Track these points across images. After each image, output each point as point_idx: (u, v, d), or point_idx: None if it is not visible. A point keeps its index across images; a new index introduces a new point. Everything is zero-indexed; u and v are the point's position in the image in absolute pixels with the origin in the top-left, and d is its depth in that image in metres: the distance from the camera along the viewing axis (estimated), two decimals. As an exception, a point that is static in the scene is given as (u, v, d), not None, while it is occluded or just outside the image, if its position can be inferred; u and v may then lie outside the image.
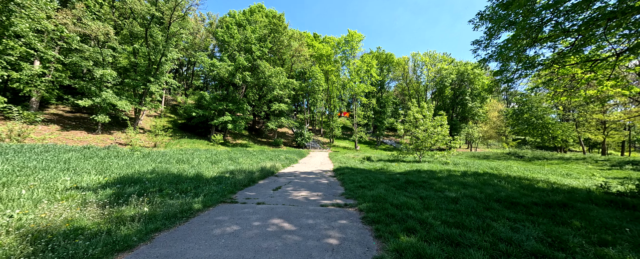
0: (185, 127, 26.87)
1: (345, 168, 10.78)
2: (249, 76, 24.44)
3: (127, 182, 4.77)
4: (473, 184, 6.56)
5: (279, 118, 30.02)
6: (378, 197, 4.35)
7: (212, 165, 9.17)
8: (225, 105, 24.35)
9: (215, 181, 5.74)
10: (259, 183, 6.42)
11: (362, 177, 7.29)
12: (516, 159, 24.55)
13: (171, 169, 6.55)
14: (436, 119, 16.64)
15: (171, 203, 3.73)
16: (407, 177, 7.50)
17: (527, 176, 9.85)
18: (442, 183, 6.70)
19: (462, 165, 13.89)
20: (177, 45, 29.77)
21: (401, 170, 11.01)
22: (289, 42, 27.56)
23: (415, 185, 6.16)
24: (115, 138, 17.60)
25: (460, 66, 41.69)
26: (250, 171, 7.54)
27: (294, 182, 6.79)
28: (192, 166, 8.26)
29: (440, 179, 7.87)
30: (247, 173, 7.21)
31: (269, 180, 7.03)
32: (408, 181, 6.58)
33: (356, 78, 35.47)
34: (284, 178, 7.63)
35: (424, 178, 7.87)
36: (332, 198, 4.80)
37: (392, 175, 8.68)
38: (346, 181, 6.69)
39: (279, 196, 4.94)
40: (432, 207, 3.75)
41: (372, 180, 6.91)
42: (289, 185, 6.35)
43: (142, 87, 19.93)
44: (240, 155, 14.74)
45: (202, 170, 7.25)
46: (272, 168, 9.05)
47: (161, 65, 21.49)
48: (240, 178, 6.24)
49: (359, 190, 5.31)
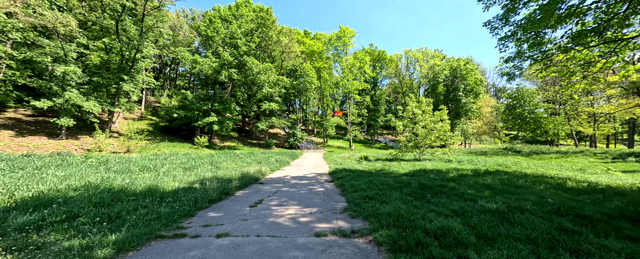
0: (167, 130, 24.86)
1: (343, 170, 9.47)
2: (236, 73, 22.77)
3: (33, 205, 3.26)
4: (499, 187, 5.39)
5: (269, 118, 28.44)
6: (398, 216, 3.05)
7: (185, 172, 7.64)
8: (211, 104, 22.58)
9: (173, 196, 4.28)
10: (235, 196, 4.98)
11: (365, 182, 5.99)
12: (514, 154, 24.07)
13: (115, 182, 5.00)
14: (436, 114, 15.64)
15: (61, 246, 2.27)
16: (418, 180, 6.27)
17: (543, 173, 8.88)
18: (462, 186, 5.49)
19: (467, 163, 12.89)
20: (156, 42, 27.66)
21: (405, 171, 9.82)
22: (278, 38, 26.07)
23: (433, 191, 4.91)
24: (81, 144, 15.59)
25: (453, 62, 41.40)
26: (227, 180, 6.09)
27: (282, 192, 5.41)
28: (157, 175, 6.72)
29: (455, 180, 6.68)
30: (223, 182, 5.76)
31: (250, 190, 5.61)
32: (423, 186, 5.32)
33: (349, 76, 34.35)
34: (270, 186, 6.23)
35: (437, 180, 6.66)
36: (332, 218, 3.44)
37: (398, 177, 7.45)
38: (347, 189, 5.37)
39: (256, 217, 3.55)
40: (486, 234, 2.45)
41: (378, 185, 5.63)
42: (274, 196, 4.96)
43: (115, 86, 17.93)
44: (224, 159, 13.17)
45: (165, 180, 5.74)
46: (257, 174, 7.61)
47: (136, 63, 19.53)
48: (211, 190, 4.80)
49: (366, 202, 4.00)
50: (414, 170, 10.33)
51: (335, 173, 8.82)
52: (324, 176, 8.92)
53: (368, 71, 36.29)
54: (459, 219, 2.94)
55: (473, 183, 6.26)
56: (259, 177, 7.43)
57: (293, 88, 32.73)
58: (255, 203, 4.36)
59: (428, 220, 2.89)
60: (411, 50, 43.59)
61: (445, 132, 15.00)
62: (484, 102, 42.67)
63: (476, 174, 8.53)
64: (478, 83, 39.84)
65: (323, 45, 35.14)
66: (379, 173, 8.77)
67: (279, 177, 8.08)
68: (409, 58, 44.68)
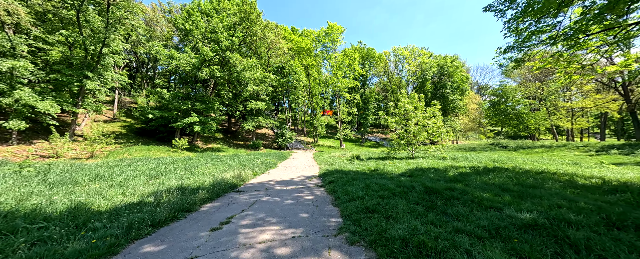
0: (143, 132, 22.84)
1: (334, 172, 8.58)
2: (218, 70, 21.23)
3: None
4: (514, 188, 4.70)
5: (256, 118, 27.05)
6: (419, 245, 2.11)
7: (147, 181, 6.41)
8: (191, 104, 20.90)
9: (109, 218, 3.16)
10: (198, 211, 3.91)
11: (361, 187, 5.11)
12: (501, 149, 24.37)
13: (30, 202, 3.75)
14: (428, 110, 15.16)
15: None
16: (421, 182, 5.49)
17: (542, 168, 8.47)
18: (472, 188, 4.75)
19: (462, 159, 12.44)
20: (129, 37, 25.39)
21: (401, 170, 9.10)
22: (264, 33, 24.75)
23: (443, 197, 4.11)
24: (35, 150, 13.61)
25: (440, 59, 41.88)
26: (193, 190, 4.97)
27: (261, 203, 4.39)
28: (110, 186, 5.47)
29: (459, 181, 5.97)
30: (187, 193, 4.65)
31: (221, 202, 4.54)
32: (429, 190, 4.52)
33: (339, 73, 33.60)
34: (249, 195, 5.19)
35: (440, 181, 5.92)
36: (322, 248, 2.40)
37: (396, 179, 6.66)
38: (340, 196, 4.46)
39: (212, 251, 2.44)
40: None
41: (376, 190, 4.77)
42: (249, 210, 3.94)
43: (77, 84, 15.94)
44: (203, 163, 11.87)
45: (110, 194, 4.54)
46: (235, 180, 6.52)
47: (103, 58, 17.57)
48: (163, 206, 3.70)
49: (367, 218, 3.08)
50: (410, 169, 9.64)
51: (326, 176, 7.91)
52: (314, 179, 7.98)
53: (357, 68, 35.74)
54: (498, 243, 2.12)
55: (480, 183, 5.57)
56: (237, 184, 6.34)
57: (281, 86, 31.47)
58: (220, 223, 3.30)
59: (463, 250, 2.00)
60: (400, 47, 43.64)
61: (439, 128, 14.54)
62: (469, 99, 43.55)
63: (477, 172, 7.94)
64: (464, 80, 40.57)
65: (311, 42, 34.14)
66: (373, 174, 7.96)
67: (261, 183, 7.03)
68: (398, 56, 44.74)
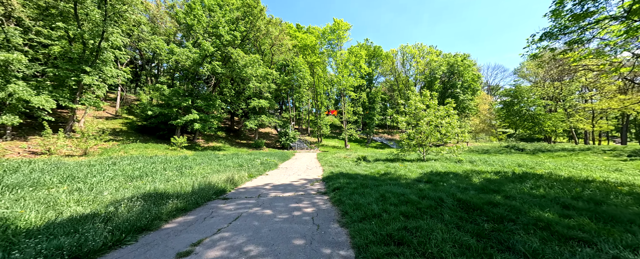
0: (143, 130, 22.36)
1: (340, 176, 7.60)
2: (220, 67, 20.54)
3: None
4: (579, 206, 3.61)
5: (259, 116, 26.28)
6: None
7: (126, 183, 5.58)
8: (191, 101, 20.26)
9: (36, 240, 2.28)
10: (160, 231, 2.91)
11: (374, 197, 4.13)
12: (518, 152, 22.87)
13: None
14: (442, 109, 13.99)
15: None
16: (449, 192, 4.46)
17: (582, 176, 7.27)
18: (521, 202, 3.70)
19: (481, 163, 11.26)
20: (132, 33, 25.02)
21: (415, 174, 8.04)
22: (267, 29, 23.96)
23: (488, 216, 3.08)
24: (28, 146, 13.12)
25: (450, 58, 40.29)
26: (165, 196, 4.08)
27: (246, 219, 3.44)
28: (77, 189, 4.65)
29: (496, 191, 4.90)
30: (153, 202, 3.75)
31: (196, 215, 3.61)
32: (465, 205, 3.49)
33: (344, 71, 32.54)
34: (234, 205, 4.26)
35: (468, 190, 4.88)
36: None
37: (413, 186, 5.63)
38: (349, 211, 3.49)
39: None
40: None
41: (395, 202, 3.77)
42: (227, 231, 2.98)
43: (74, 79, 15.44)
44: (199, 162, 11.08)
45: (61, 201, 3.69)
46: (224, 184, 5.61)
47: (102, 52, 17.06)
48: (122, 220, 2.80)
49: (391, 256, 2.08)
50: (425, 173, 8.57)
51: (331, 180, 6.94)
52: (316, 184, 7.01)
53: (364, 66, 34.60)
54: None
55: (523, 194, 4.49)
56: (226, 189, 5.43)
57: (285, 84, 30.64)
58: (177, 254, 2.32)
59: None
60: (407, 46, 42.24)
61: (453, 128, 13.36)
62: (481, 99, 41.77)
63: (506, 179, 6.82)
64: (476, 79, 38.88)
65: (316, 39, 33.22)
66: (385, 180, 6.93)
67: (256, 187, 6.11)
68: (405, 54, 43.33)
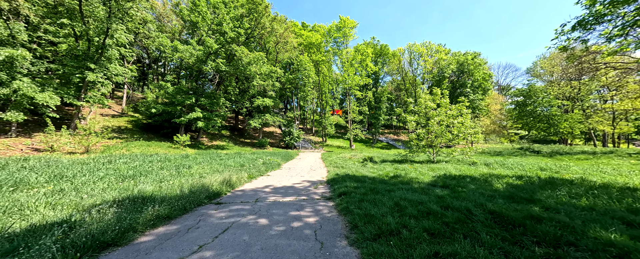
0: (148, 128, 22.34)
1: (346, 178, 7.04)
2: (224, 64, 20.26)
3: None
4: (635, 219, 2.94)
5: (263, 115, 25.94)
6: None
7: (116, 183, 5.19)
8: (195, 99, 20.06)
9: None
10: (131, 245, 2.38)
11: (389, 206, 3.56)
12: (533, 154, 21.73)
13: None
14: (454, 108, 13.22)
15: None
16: (476, 201, 3.85)
17: (626, 183, 6.47)
18: (565, 215, 3.05)
19: (498, 166, 10.47)
20: (137, 34, 25.09)
21: (428, 178, 7.40)
22: (272, 26, 23.57)
23: (533, 233, 2.47)
24: (32, 143, 13.08)
25: (459, 56, 39.03)
26: (155, 199, 3.62)
27: (237, 230, 2.92)
28: (60, 190, 4.26)
29: (529, 200, 4.24)
30: (138, 203, 3.30)
31: (180, 225, 3.12)
32: (500, 219, 2.88)
33: (350, 70, 31.87)
34: (227, 212, 3.77)
35: (495, 199, 4.24)
36: None
37: (429, 191, 5.03)
38: (359, 224, 2.94)
39: None
40: None
41: (414, 214, 3.20)
42: (210, 247, 2.40)
43: (79, 76, 15.39)
44: (199, 161, 10.72)
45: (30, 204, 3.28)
46: (220, 186, 5.14)
47: (106, 50, 16.99)
48: (86, 232, 2.33)
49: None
50: (438, 176, 7.92)
51: (336, 183, 6.39)
52: (320, 187, 6.47)
53: (370, 65, 33.84)
54: None
55: (557, 203, 3.82)
56: (222, 191, 4.95)
57: (289, 83, 30.23)
58: None
59: None
60: (415, 44, 41.16)
61: (466, 129, 12.58)
62: (492, 99, 40.31)
63: (531, 184, 6.11)
64: (487, 78, 37.53)
65: (322, 38, 32.67)
66: (396, 183, 6.33)
67: (254, 190, 5.61)
68: (413, 53, 42.23)
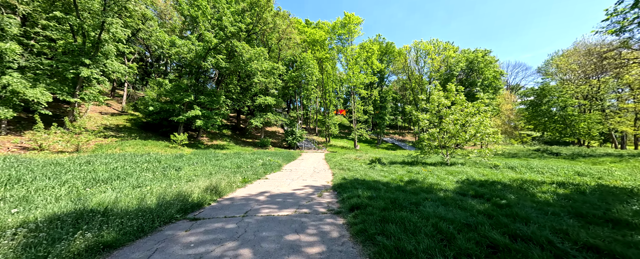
0: (147, 126, 21.70)
1: (356, 183, 6.06)
2: (224, 61, 19.47)
3: None
4: None
5: (265, 114, 25.10)
6: None
7: (82, 189, 4.31)
8: (194, 96, 19.30)
9: None
10: None
11: (428, 235, 2.57)
12: (552, 156, 20.31)
13: None
14: (470, 105, 12.08)
15: None
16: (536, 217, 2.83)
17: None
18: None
19: (526, 169, 9.32)
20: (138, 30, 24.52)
21: (450, 184, 6.36)
22: (274, 21, 22.71)
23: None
24: (21, 141, 12.42)
25: (469, 54, 37.56)
26: (111, 213, 2.71)
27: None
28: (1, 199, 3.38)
29: (620, 223, 3.18)
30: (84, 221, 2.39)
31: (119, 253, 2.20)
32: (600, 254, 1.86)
33: (355, 68, 30.80)
34: (200, 234, 2.82)
35: (561, 217, 3.20)
36: None
37: (461, 203, 4.01)
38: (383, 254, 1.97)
39: None
40: None
41: (475, 253, 2.18)
42: None
43: (73, 72, 14.75)
44: (193, 162, 9.86)
45: None
46: (203, 194, 4.20)
47: (103, 45, 16.34)
48: None
49: None
50: (460, 180, 6.87)
51: (344, 189, 5.40)
52: (326, 194, 5.49)
53: (376, 62, 32.72)
54: None
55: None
56: (204, 201, 4.01)
57: (292, 81, 29.33)
58: None
59: None
60: (422, 42, 39.84)
61: (486, 128, 11.44)
62: (503, 99, 38.69)
63: (584, 193, 5.01)
64: (498, 77, 35.98)
65: (326, 34, 31.70)
66: (416, 190, 5.30)
67: (246, 198, 4.67)
68: (419, 50, 40.90)
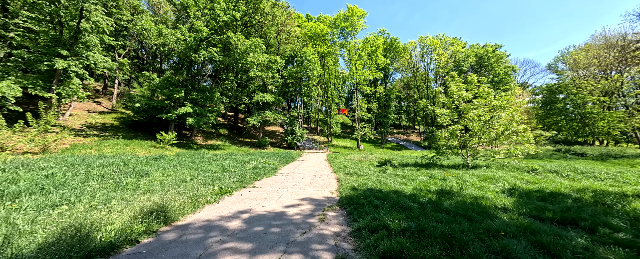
0: (136, 125, 20.20)
1: (370, 196, 4.42)
2: (218, 53, 17.93)
3: None
4: None
5: (263, 112, 23.52)
6: None
7: None
8: (184, 92, 17.76)
9: None
10: None
11: None
12: (576, 157, 18.49)
13: None
14: (498, 97, 10.38)
15: None
16: None
17: None
18: None
19: (575, 173, 7.57)
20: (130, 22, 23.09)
21: (498, 197, 4.67)
22: (273, 12, 21.14)
23: None
24: (-19, 140, 10.91)
25: (478, 49, 35.69)
26: None
27: None
28: None
29: None
30: None
31: None
32: None
33: (358, 63, 29.11)
34: None
35: None
36: None
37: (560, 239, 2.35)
38: None
39: None
40: None
41: None
42: None
43: (46, 63, 13.26)
44: (174, 164, 8.28)
45: None
46: (133, 225, 2.59)
47: (82, 35, 14.85)
48: None
49: None
50: (505, 190, 5.19)
51: (357, 206, 3.77)
52: (331, 216, 3.85)
53: (381, 57, 30.96)
54: None
55: None
56: (124, 240, 2.39)
57: (292, 77, 27.72)
58: None
59: None
60: (428, 37, 38.00)
61: (518, 124, 9.73)
62: (513, 97, 36.71)
63: None
64: (509, 72, 34.06)
65: (328, 28, 30.05)
66: (460, 208, 3.64)
67: (207, 226, 3.05)
68: (425, 46, 39.05)
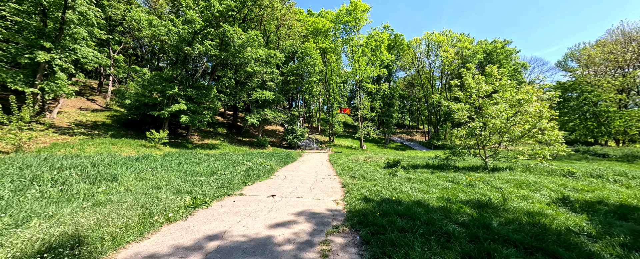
0: (129, 124, 19.25)
1: (389, 210, 3.33)
2: (213, 47, 16.90)
3: None
4: None
5: (262, 110, 22.48)
6: None
7: None
8: (178, 88, 16.76)
9: None
10: None
11: None
12: (599, 158, 17.16)
13: None
14: (524, 91, 9.23)
15: None
16: None
17: None
18: None
19: (624, 178, 6.39)
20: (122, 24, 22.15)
21: (556, 212, 3.53)
22: (272, 4, 20.05)
23: None
24: (-49, 139, 9.98)
25: (486, 45, 34.29)
26: None
27: None
28: None
29: None
30: None
31: None
32: None
33: (361, 59, 27.93)
34: None
35: None
36: None
37: None
38: None
39: None
40: None
41: None
42: None
43: (27, 56, 12.30)
44: (154, 166, 7.27)
45: None
46: None
47: (68, 26, 13.88)
48: None
49: None
50: (554, 200, 4.06)
51: (375, 228, 2.70)
52: (338, 244, 2.76)
53: (385, 53, 29.73)
54: None
55: None
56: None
57: (292, 74, 26.64)
58: None
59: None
60: (434, 33, 36.63)
61: (546, 121, 8.55)
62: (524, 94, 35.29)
63: None
64: (519, 69, 32.63)
65: (330, 23, 28.90)
66: (521, 233, 2.50)
67: None
68: (431, 43, 37.68)
